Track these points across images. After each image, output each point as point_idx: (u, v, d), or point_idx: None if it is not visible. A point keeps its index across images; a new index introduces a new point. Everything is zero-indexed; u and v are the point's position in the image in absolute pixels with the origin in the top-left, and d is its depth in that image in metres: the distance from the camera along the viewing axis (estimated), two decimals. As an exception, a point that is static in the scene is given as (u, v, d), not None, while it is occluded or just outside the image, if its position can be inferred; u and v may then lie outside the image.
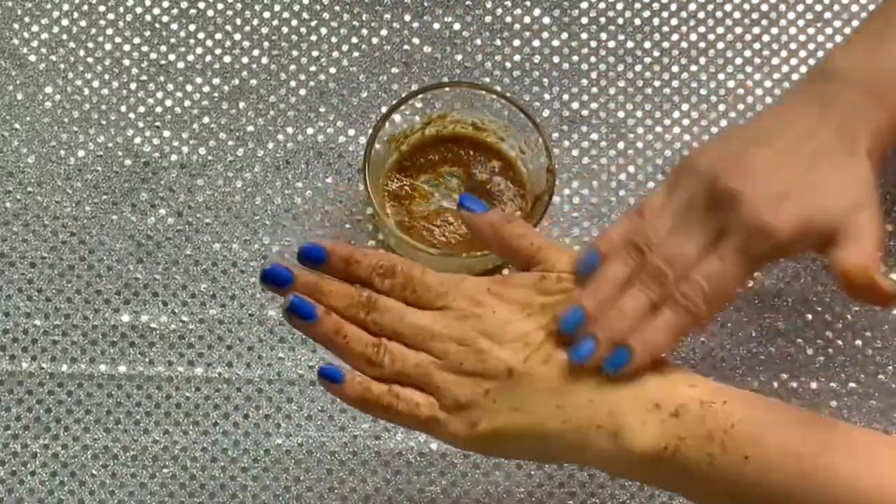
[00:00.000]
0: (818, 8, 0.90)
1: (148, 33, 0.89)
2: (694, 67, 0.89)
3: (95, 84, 0.88)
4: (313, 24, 0.89)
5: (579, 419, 0.63)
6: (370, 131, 0.82)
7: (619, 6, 0.90)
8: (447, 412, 0.64)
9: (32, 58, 0.88)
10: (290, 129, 0.87)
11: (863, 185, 0.66)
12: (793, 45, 0.89)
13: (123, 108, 0.87)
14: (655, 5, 0.90)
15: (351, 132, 0.87)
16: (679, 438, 0.62)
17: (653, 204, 0.67)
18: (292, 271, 0.65)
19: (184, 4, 0.90)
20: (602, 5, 0.90)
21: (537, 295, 0.66)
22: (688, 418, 0.63)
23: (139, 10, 0.89)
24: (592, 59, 0.89)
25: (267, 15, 0.89)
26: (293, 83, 0.88)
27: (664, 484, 0.65)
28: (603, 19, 0.90)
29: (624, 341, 0.64)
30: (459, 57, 0.89)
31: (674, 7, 0.90)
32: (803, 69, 0.88)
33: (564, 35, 0.89)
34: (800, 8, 0.90)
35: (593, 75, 0.88)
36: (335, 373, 0.65)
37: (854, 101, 0.67)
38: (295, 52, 0.89)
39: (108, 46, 0.89)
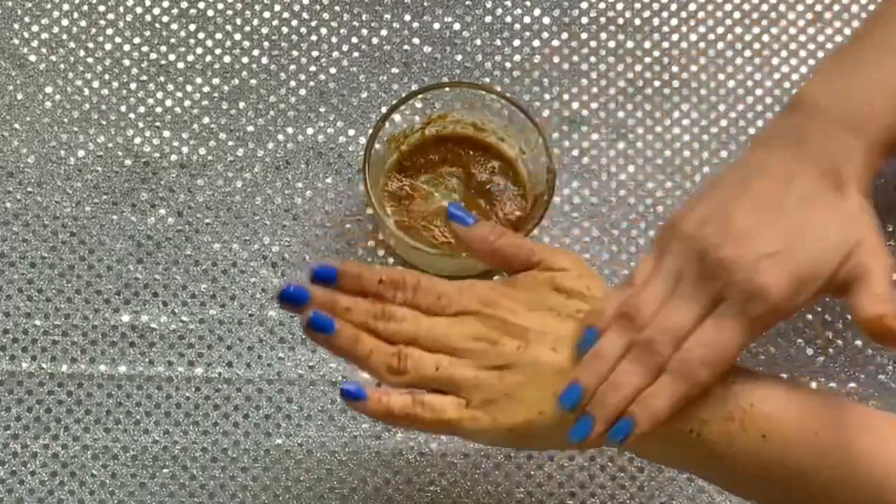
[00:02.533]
0: (818, 8, 0.90)
1: (148, 33, 0.89)
2: (694, 67, 0.89)
3: (95, 84, 0.88)
4: (313, 24, 0.89)
5: None
6: (370, 131, 0.82)
7: (619, 6, 0.90)
8: (472, 409, 0.64)
9: (32, 58, 0.88)
10: (290, 129, 0.87)
11: (855, 220, 0.65)
12: (793, 45, 0.89)
13: (123, 108, 0.87)
14: (655, 5, 0.90)
15: (351, 132, 0.87)
16: (702, 421, 0.63)
17: (643, 272, 0.66)
18: (308, 290, 0.65)
19: (184, 4, 0.90)
20: (602, 5, 0.90)
21: (552, 292, 0.66)
22: (710, 399, 0.63)
23: (139, 10, 0.89)
24: (592, 59, 0.89)
25: (267, 15, 0.89)
26: (293, 83, 0.88)
27: (684, 463, 0.65)
28: (603, 19, 0.90)
29: (624, 412, 0.63)
30: (459, 57, 0.89)
31: (674, 7, 0.90)
32: (803, 69, 0.88)
33: (564, 35, 0.89)
34: (800, 8, 0.90)
35: (593, 75, 0.88)
36: (358, 391, 0.65)
37: (830, 135, 0.66)
38: (295, 52, 0.89)
39: (108, 46, 0.89)
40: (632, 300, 0.65)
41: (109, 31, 0.89)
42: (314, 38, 0.89)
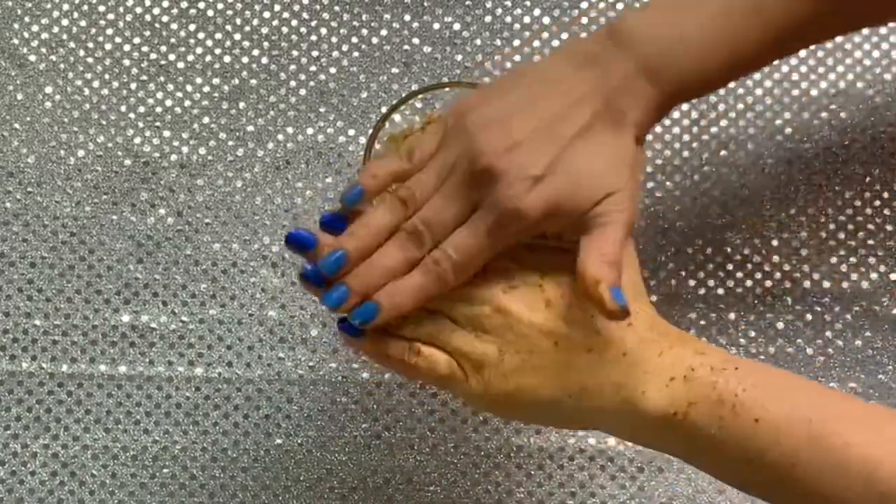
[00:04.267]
0: (818, 8, 0.90)
1: (148, 33, 0.89)
2: (694, 67, 0.88)
3: (95, 84, 0.88)
4: (313, 24, 0.89)
5: (590, 383, 0.64)
6: (370, 131, 0.82)
7: (619, 6, 0.90)
8: (464, 372, 0.65)
9: (32, 58, 0.88)
10: (290, 129, 0.87)
11: (622, 163, 0.66)
12: (793, 45, 0.89)
13: (123, 108, 0.87)
14: (655, 5, 0.90)
15: (351, 132, 0.87)
16: (689, 404, 0.63)
17: (423, 152, 0.68)
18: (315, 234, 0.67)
19: (184, 4, 0.90)
20: (602, 5, 0.90)
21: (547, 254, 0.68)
22: (697, 384, 0.63)
23: (139, 10, 0.89)
24: (592, 59, 0.89)
25: (267, 15, 0.89)
26: (293, 83, 0.88)
27: (673, 448, 0.65)
28: (603, 19, 0.90)
29: (372, 297, 0.66)
30: (459, 57, 0.89)
31: (674, 7, 0.90)
32: (803, 69, 0.88)
33: (564, 35, 0.89)
34: (800, 8, 0.90)
35: (593, 75, 0.88)
36: (355, 328, 0.66)
37: (628, 74, 0.67)
38: (295, 52, 0.89)
39: (108, 46, 0.89)
40: (409, 183, 0.67)
41: (109, 31, 0.89)
42: (314, 38, 0.89)
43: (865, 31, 0.89)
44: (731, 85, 0.88)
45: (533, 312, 0.65)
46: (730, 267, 0.85)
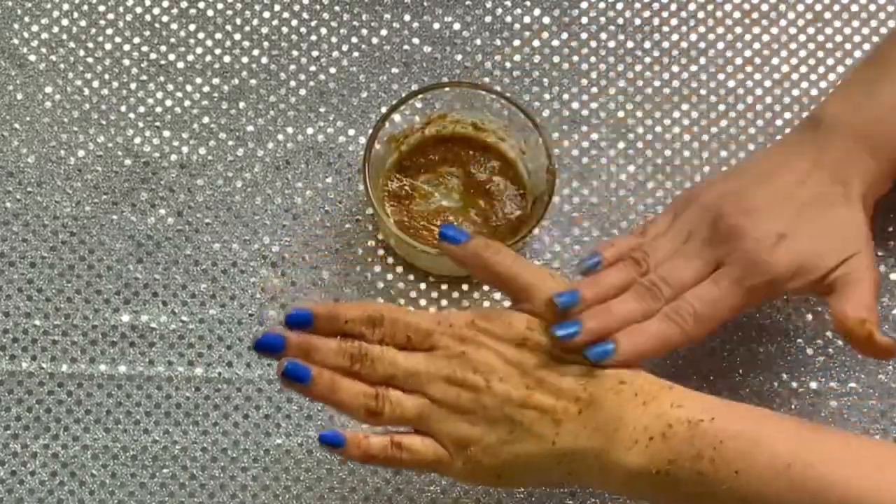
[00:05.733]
0: (818, 8, 0.90)
1: (148, 33, 0.89)
2: (694, 67, 0.89)
3: (95, 84, 0.88)
4: (313, 24, 0.89)
5: (571, 448, 0.65)
6: (370, 131, 0.82)
7: (619, 6, 0.90)
8: (448, 452, 0.66)
9: (32, 58, 0.88)
10: (290, 129, 0.87)
11: (857, 230, 0.69)
12: (793, 45, 0.89)
13: (123, 108, 0.87)
14: (655, 5, 0.90)
15: (351, 132, 0.87)
16: (669, 462, 0.64)
17: (656, 228, 0.70)
18: (283, 336, 0.66)
19: (184, 4, 0.90)
20: (602, 5, 0.90)
21: (526, 329, 0.67)
22: (675, 440, 0.64)
23: (139, 10, 0.89)
24: (592, 59, 0.89)
25: (267, 15, 0.89)
26: (293, 83, 0.88)
27: (661, 501, 0.66)
28: (603, 19, 0.90)
29: (611, 335, 0.66)
30: (459, 57, 0.89)
31: (674, 7, 0.90)
32: (803, 69, 0.88)
33: (564, 35, 0.89)
34: (800, 8, 0.90)
35: (593, 75, 0.88)
36: (336, 438, 0.66)
37: (846, 149, 0.69)
38: (295, 52, 0.89)
39: (108, 46, 0.89)
40: (643, 246, 0.68)
41: (109, 31, 0.89)
42: (314, 38, 0.89)
43: (865, 30, 0.89)
44: (731, 84, 0.88)
45: (517, 388, 0.65)
46: (730, 267, 0.85)
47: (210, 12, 0.89)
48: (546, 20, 0.90)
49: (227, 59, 0.88)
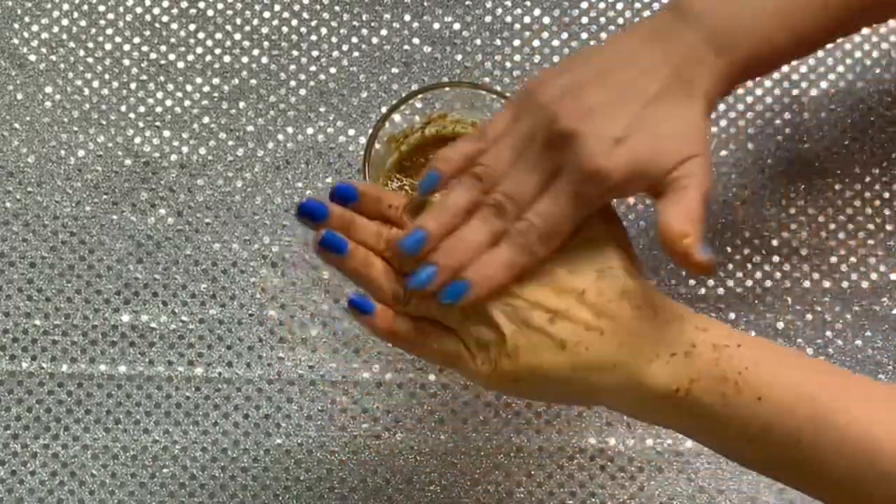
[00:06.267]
0: (818, 8, 0.89)
1: (148, 33, 0.89)
2: (694, 67, 0.88)
3: (95, 84, 0.88)
4: (313, 24, 0.89)
5: (594, 359, 0.64)
6: (370, 131, 0.82)
7: (619, 6, 0.90)
8: (469, 351, 0.65)
9: (32, 58, 0.88)
10: (290, 129, 0.87)
11: (696, 130, 0.66)
12: (793, 45, 0.89)
13: (123, 108, 0.87)
14: (655, 5, 0.90)
15: (351, 132, 0.87)
16: (691, 380, 0.63)
17: (495, 130, 0.67)
18: (326, 206, 0.66)
19: (184, 4, 0.90)
20: (602, 5, 0.90)
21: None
22: (699, 360, 0.63)
23: (139, 10, 0.89)
24: (592, 59, 0.89)
25: (267, 15, 0.89)
26: (293, 83, 0.88)
27: (677, 424, 0.65)
28: (603, 19, 0.90)
29: (462, 273, 0.64)
30: (459, 57, 0.89)
31: (674, 7, 0.90)
32: (803, 69, 0.88)
33: (564, 35, 0.89)
34: (800, 8, 0.90)
35: (593, 75, 0.88)
36: (365, 304, 0.65)
37: (696, 44, 0.67)
38: (295, 52, 0.89)
39: (108, 46, 0.89)
40: (484, 158, 0.66)
41: (109, 31, 0.89)
42: (314, 38, 0.89)
43: (865, 30, 0.89)
44: (731, 85, 0.88)
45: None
46: (730, 267, 0.85)
47: (210, 12, 0.89)
48: (546, 20, 0.90)
49: (227, 59, 0.88)
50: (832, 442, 0.61)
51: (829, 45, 0.89)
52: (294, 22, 0.89)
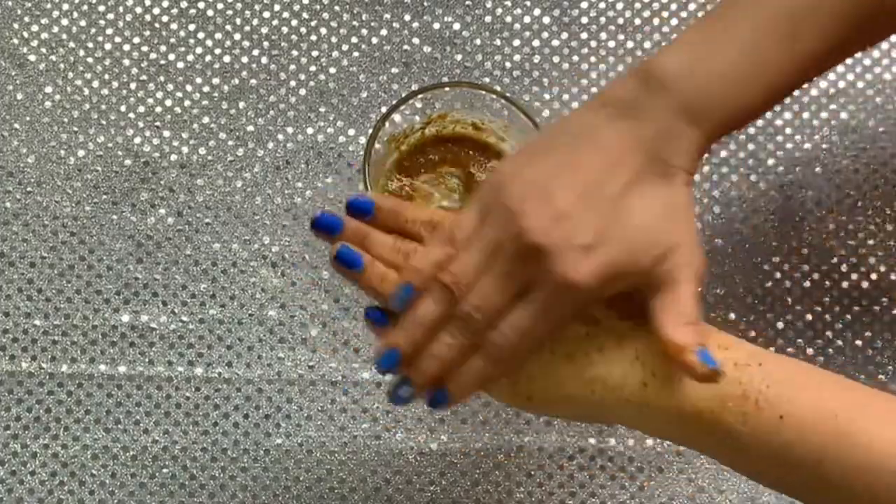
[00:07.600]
0: (818, 8, 0.89)
1: (148, 33, 0.89)
2: (694, 67, 0.88)
3: (95, 84, 0.88)
4: (313, 24, 0.89)
5: (613, 378, 0.64)
6: (370, 131, 0.82)
7: (619, 6, 0.90)
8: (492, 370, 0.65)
9: (32, 58, 0.88)
10: (290, 129, 0.87)
11: (676, 211, 0.64)
12: (793, 45, 0.89)
13: (123, 108, 0.87)
14: (655, 5, 0.90)
15: (351, 132, 0.87)
16: (711, 399, 0.63)
17: (463, 232, 0.65)
18: (342, 219, 0.66)
19: (184, 4, 0.90)
20: (602, 5, 0.90)
21: None
22: (722, 381, 0.62)
23: (139, 10, 0.89)
24: (592, 59, 0.89)
25: (267, 15, 0.89)
26: (293, 83, 0.88)
27: (700, 445, 0.65)
28: (603, 19, 0.90)
29: (440, 383, 0.65)
30: (459, 57, 0.89)
31: (674, 7, 0.90)
32: (803, 69, 0.88)
33: (564, 35, 0.89)
34: (800, 8, 0.90)
35: (593, 75, 0.88)
36: (382, 317, 0.65)
37: (668, 120, 0.64)
38: (295, 52, 0.89)
39: (108, 46, 0.89)
40: (453, 266, 0.64)
41: (109, 31, 0.89)
42: (314, 38, 0.89)
43: (865, 31, 0.89)
44: (731, 85, 0.88)
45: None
46: (729, 267, 0.85)
47: (210, 12, 0.89)
48: (546, 20, 0.90)
49: (227, 59, 0.88)
50: (855, 461, 0.61)
51: (829, 45, 0.89)
52: (294, 22, 0.89)
